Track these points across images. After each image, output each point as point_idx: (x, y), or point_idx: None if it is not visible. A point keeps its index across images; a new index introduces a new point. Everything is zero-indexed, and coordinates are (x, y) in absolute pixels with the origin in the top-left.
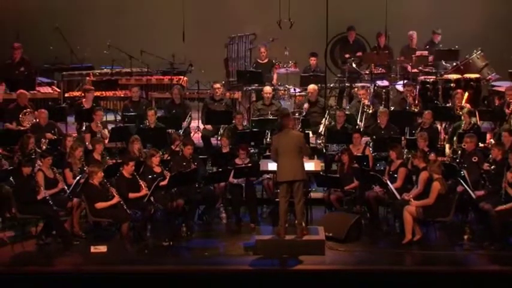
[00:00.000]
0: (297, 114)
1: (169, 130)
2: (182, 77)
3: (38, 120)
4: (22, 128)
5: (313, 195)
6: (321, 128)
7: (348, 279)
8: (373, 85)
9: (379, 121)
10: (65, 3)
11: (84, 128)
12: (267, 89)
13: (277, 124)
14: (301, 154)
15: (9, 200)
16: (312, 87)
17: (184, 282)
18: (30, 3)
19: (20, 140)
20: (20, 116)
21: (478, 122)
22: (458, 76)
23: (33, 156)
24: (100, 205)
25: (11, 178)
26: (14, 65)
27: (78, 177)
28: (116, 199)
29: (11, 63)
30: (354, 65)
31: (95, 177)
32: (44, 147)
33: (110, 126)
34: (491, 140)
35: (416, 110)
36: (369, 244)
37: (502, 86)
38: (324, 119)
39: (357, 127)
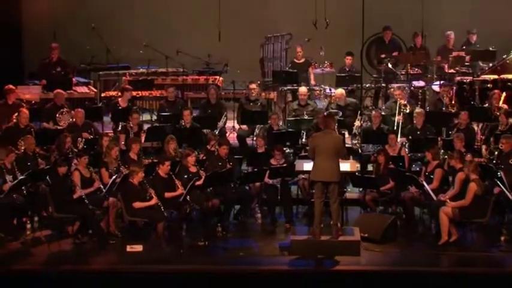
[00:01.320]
0: None
1: (205, 130)
2: (218, 77)
3: (74, 119)
4: (59, 128)
5: (348, 195)
6: (354, 129)
7: (384, 280)
8: (409, 85)
9: (415, 122)
10: (101, 3)
11: (120, 127)
12: (303, 90)
13: (313, 124)
14: (338, 156)
15: (45, 199)
16: (339, 92)
17: (219, 282)
18: (67, 3)
19: (57, 139)
20: (57, 115)
21: None
22: (495, 76)
23: (69, 156)
24: (138, 205)
25: (47, 177)
26: (51, 65)
27: (114, 177)
28: (154, 200)
29: (48, 62)
30: (389, 65)
31: (135, 176)
32: (81, 146)
33: (145, 126)
34: None
35: (453, 110)
36: (404, 245)
37: None
38: (356, 120)
39: (394, 128)
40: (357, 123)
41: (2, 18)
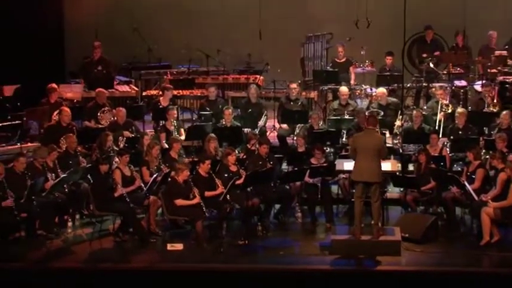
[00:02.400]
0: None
1: (245, 129)
2: (258, 76)
3: (116, 118)
4: (100, 126)
5: (389, 195)
6: (395, 128)
7: (424, 280)
8: (451, 85)
9: (457, 121)
10: (143, 2)
11: (159, 127)
12: (344, 90)
13: (354, 124)
14: (379, 156)
15: (87, 198)
16: (380, 91)
17: (259, 281)
18: (109, 3)
19: (98, 138)
20: (99, 114)
21: None
22: None
23: (111, 154)
24: (180, 202)
25: (88, 176)
26: (93, 64)
27: (155, 175)
28: (197, 200)
29: (90, 61)
30: (431, 65)
31: (181, 174)
32: (122, 145)
33: (186, 125)
34: None
35: (495, 110)
36: (445, 245)
37: None
38: (397, 119)
39: (435, 127)
40: (398, 122)
41: (45, 18)
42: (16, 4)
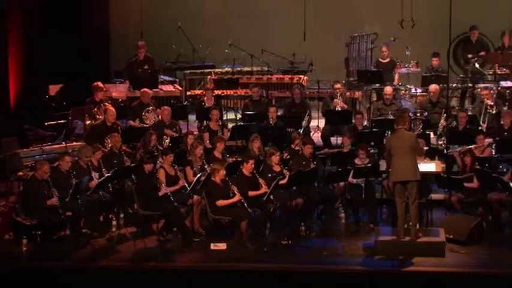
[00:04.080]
0: (418, 115)
1: (289, 129)
2: (302, 76)
3: (160, 117)
4: (145, 126)
5: (433, 196)
6: (439, 129)
7: (469, 282)
8: (496, 86)
9: (502, 122)
10: (187, 2)
11: (203, 126)
12: (388, 89)
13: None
14: (414, 154)
15: (131, 197)
16: (433, 87)
17: (302, 282)
18: (154, 3)
19: (143, 137)
20: (143, 113)
21: None
22: None
23: (155, 154)
24: (221, 202)
25: (133, 175)
26: (138, 63)
27: (198, 175)
28: (237, 197)
29: (135, 61)
30: (477, 65)
31: (217, 174)
32: (166, 144)
33: (230, 125)
34: None
35: None
36: (490, 247)
37: None
38: (442, 119)
39: (479, 128)
40: (442, 122)
41: (91, 17)
42: (62, 4)
